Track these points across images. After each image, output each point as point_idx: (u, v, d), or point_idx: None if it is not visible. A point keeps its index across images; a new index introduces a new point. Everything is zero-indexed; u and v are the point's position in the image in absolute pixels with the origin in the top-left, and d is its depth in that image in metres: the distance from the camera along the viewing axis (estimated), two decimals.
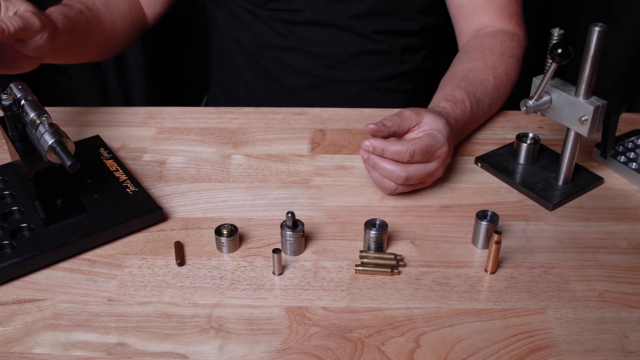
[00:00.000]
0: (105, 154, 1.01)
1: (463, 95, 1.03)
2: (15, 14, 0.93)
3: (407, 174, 0.90)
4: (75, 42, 1.08)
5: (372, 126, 0.90)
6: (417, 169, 0.90)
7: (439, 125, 0.93)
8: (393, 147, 0.88)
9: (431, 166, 0.92)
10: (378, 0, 1.22)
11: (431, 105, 1.03)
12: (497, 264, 0.83)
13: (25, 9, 0.94)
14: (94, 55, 1.19)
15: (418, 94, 1.39)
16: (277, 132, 1.11)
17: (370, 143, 0.88)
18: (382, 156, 0.89)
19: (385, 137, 0.91)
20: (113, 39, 1.20)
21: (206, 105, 1.56)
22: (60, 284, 0.82)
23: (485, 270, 0.83)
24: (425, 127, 0.93)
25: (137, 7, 1.27)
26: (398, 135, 0.93)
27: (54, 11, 1.04)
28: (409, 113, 0.94)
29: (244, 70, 1.36)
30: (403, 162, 0.89)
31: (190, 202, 0.95)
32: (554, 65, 0.86)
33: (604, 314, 0.77)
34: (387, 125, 0.91)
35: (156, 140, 1.09)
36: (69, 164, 0.79)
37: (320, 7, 1.23)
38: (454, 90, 1.04)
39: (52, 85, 1.83)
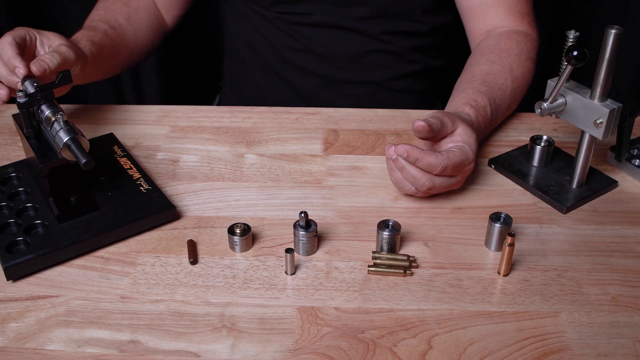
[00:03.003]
0: (119, 151, 1.01)
1: (485, 102, 1.01)
2: (49, 48, 0.97)
3: (432, 184, 0.89)
4: (102, 65, 1.12)
5: (421, 123, 0.87)
6: (442, 181, 0.90)
7: (470, 140, 0.92)
8: (427, 158, 0.86)
9: (455, 180, 0.92)
10: (382, 3, 1.22)
11: (453, 108, 1.01)
12: (510, 267, 0.83)
13: (59, 42, 0.98)
14: (118, 71, 1.23)
15: (429, 94, 1.39)
16: (291, 132, 1.11)
17: (406, 149, 0.86)
18: (413, 163, 0.88)
19: (425, 138, 0.90)
20: (137, 51, 1.24)
21: (218, 104, 1.57)
22: (73, 280, 0.82)
23: (498, 273, 0.83)
24: (458, 138, 0.92)
25: (157, 14, 1.29)
26: (432, 139, 0.93)
27: (80, 38, 1.09)
28: (447, 120, 0.91)
29: (254, 71, 1.37)
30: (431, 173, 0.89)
31: (203, 200, 0.95)
32: (569, 67, 0.86)
33: (618, 318, 0.77)
34: (433, 129, 0.89)
35: (170, 138, 1.10)
36: (84, 161, 0.80)
37: (326, 10, 1.23)
38: (476, 95, 1.02)
39: None
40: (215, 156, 1.05)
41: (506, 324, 0.76)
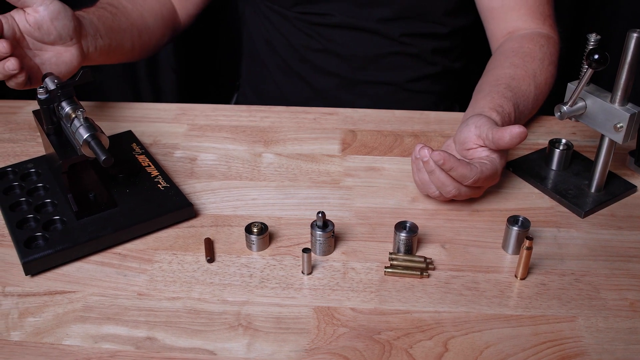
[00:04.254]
0: (137, 149, 1.02)
1: (510, 109, 0.99)
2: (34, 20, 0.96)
3: (458, 192, 0.89)
4: (108, 35, 1.08)
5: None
6: (467, 191, 0.89)
7: (503, 155, 0.92)
8: (462, 169, 0.85)
9: (478, 190, 0.92)
10: (404, 5, 1.21)
11: (478, 111, 0.98)
12: (528, 270, 0.82)
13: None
14: (129, 50, 1.18)
15: (447, 96, 1.39)
16: (308, 132, 1.11)
17: (442, 157, 0.84)
18: (446, 171, 0.87)
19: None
20: (146, 35, 1.20)
21: (235, 104, 1.57)
22: (91, 276, 0.82)
23: (515, 276, 0.82)
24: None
25: (169, 6, 1.28)
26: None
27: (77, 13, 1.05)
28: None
29: (273, 70, 1.37)
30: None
31: (220, 199, 0.95)
32: (590, 71, 0.85)
33: (636, 324, 0.76)
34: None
35: (188, 136, 1.10)
36: (104, 158, 0.80)
37: (347, 11, 1.23)
38: (502, 101, 0.99)
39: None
40: (233, 155, 1.05)
41: (523, 328, 0.75)
